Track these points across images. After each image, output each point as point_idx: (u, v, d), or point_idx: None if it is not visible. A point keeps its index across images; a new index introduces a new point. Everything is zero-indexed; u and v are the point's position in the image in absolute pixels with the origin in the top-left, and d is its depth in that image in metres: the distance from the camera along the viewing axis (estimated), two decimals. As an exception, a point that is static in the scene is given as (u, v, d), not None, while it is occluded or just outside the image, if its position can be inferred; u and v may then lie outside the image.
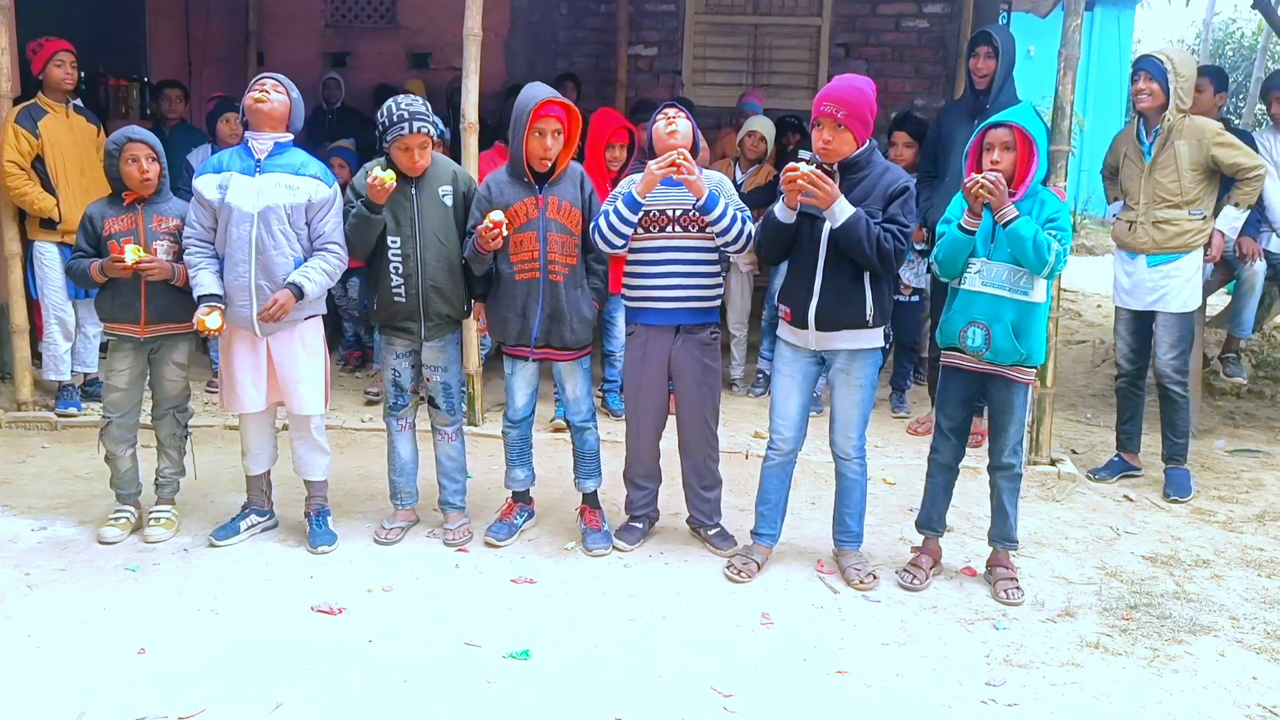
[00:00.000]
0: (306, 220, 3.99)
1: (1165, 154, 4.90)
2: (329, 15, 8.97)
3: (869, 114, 3.73)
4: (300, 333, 4.08)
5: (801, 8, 8.37)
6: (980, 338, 3.74)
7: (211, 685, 3.15)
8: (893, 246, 3.66)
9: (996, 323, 3.72)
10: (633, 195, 3.92)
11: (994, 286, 3.73)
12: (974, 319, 3.76)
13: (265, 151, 3.92)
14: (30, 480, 4.82)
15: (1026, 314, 3.73)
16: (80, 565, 3.95)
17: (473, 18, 5.19)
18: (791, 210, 3.75)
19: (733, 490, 4.58)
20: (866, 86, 3.74)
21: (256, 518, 4.27)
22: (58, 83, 5.47)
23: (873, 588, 3.90)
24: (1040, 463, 5.17)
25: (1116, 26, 19.17)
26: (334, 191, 4.03)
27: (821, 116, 3.70)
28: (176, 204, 4.15)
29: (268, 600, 3.71)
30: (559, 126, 3.93)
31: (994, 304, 3.73)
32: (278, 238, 3.91)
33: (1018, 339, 3.71)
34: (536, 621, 3.60)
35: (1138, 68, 4.95)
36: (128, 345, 4.13)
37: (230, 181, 3.91)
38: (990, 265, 3.74)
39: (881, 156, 3.86)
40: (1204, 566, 4.21)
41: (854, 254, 3.68)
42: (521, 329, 4.08)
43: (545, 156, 3.94)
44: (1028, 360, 3.76)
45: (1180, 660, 3.45)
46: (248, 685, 3.15)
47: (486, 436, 5.29)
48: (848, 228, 3.63)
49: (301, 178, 3.95)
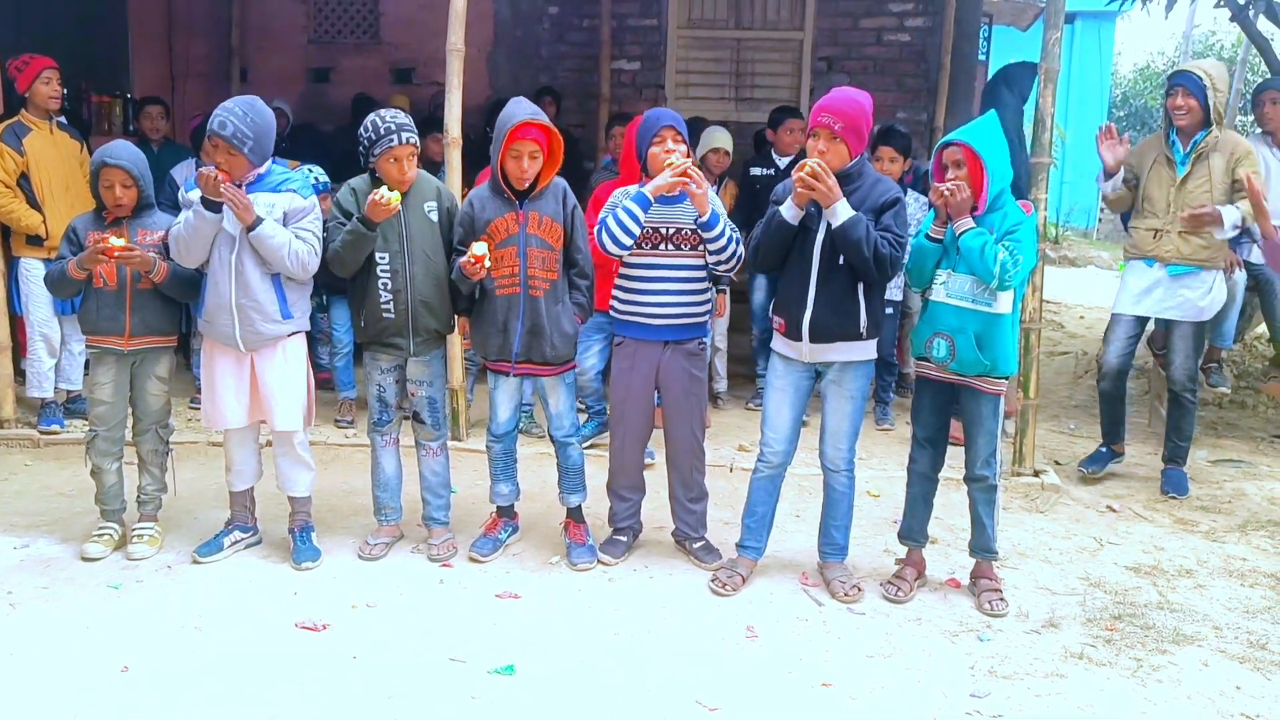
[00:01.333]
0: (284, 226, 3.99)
1: (1200, 168, 4.94)
2: (311, 31, 9.01)
3: (865, 128, 3.76)
4: (283, 349, 4.07)
5: (784, 22, 8.44)
6: (945, 348, 3.78)
7: (195, 703, 3.13)
8: (889, 252, 3.68)
9: (960, 334, 3.75)
10: (644, 195, 3.92)
11: (957, 298, 3.77)
12: (938, 330, 3.80)
13: (246, 180, 3.92)
14: (12, 498, 4.79)
15: (991, 325, 3.75)
16: (63, 583, 3.92)
17: (455, 33, 5.21)
18: (799, 210, 3.75)
19: (717, 503, 4.58)
20: (864, 100, 3.78)
21: (240, 534, 4.25)
22: (44, 100, 5.46)
23: (857, 600, 3.91)
24: (1024, 474, 5.20)
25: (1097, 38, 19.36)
26: (311, 201, 4.03)
27: (818, 126, 3.73)
28: (161, 218, 4.14)
29: (252, 617, 3.69)
30: (535, 149, 3.93)
31: (958, 315, 3.76)
32: (257, 256, 3.91)
33: (981, 350, 3.73)
34: (521, 636, 3.59)
35: (1175, 83, 4.97)
36: (110, 358, 4.12)
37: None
38: (955, 277, 3.78)
39: (872, 169, 3.90)
40: (1187, 576, 4.23)
41: (852, 256, 3.69)
42: (502, 344, 4.08)
43: (522, 177, 3.94)
44: (993, 371, 3.78)
45: (1164, 670, 3.46)
46: (231, 702, 3.14)
47: (471, 451, 5.29)
48: (847, 227, 3.64)
49: (279, 194, 3.96)
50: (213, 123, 3.83)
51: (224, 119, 3.82)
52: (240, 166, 3.87)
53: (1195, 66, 4.97)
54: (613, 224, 3.95)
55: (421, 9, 8.27)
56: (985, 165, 3.68)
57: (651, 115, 4.09)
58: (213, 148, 3.85)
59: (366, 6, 8.96)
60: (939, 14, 8.18)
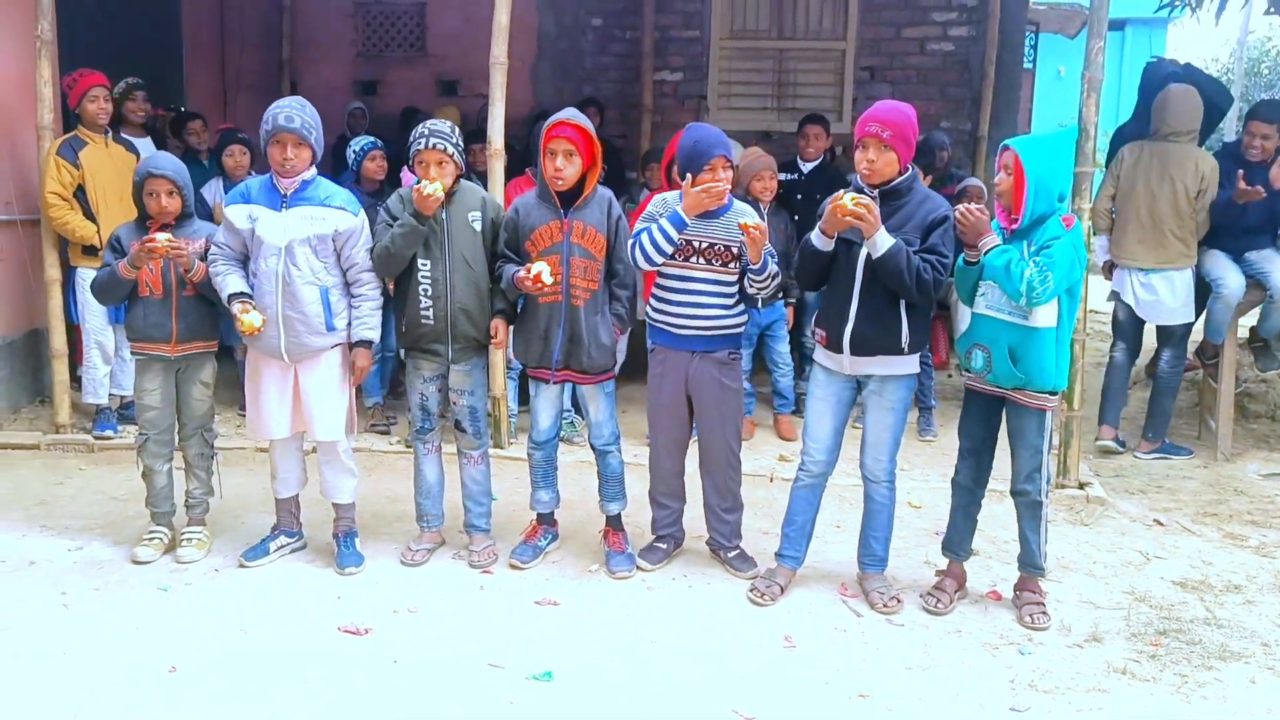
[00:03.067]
0: (336, 249, 4.05)
1: None
2: (360, 44, 9.15)
3: (912, 136, 3.75)
4: (326, 359, 4.14)
5: (826, 32, 8.43)
6: (981, 360, 3.77)
7: (239, 702, 3.20)
8: (931, 277, 3.67)
9: (995, 345, 3.73)
10: (679, 214, 3.96)
11: (994, 310, 3.76)
12: (976, 341, 3.80)
13: (292, 189, 3.99)
14: (67, 501, 4.91)
15: (1026, 338, 3.70)
16: (114, 585, 4.02)
17: (499, 46, 5.27)
18: (829, 239, 3.76)
19: (757, 513, 4.59)
20: (909, 110, 3.78)
21: (286, 539, 4.33)
22: (91, 117, 5.61)
23: (896, 611, 3.90)
24: (1068, 486, 5.14)
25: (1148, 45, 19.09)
26: (361, 220, 4.08)
27: (866, 137, 3.72)
28: (201, 226, 4.26)
29: (296, 620, 3.76)
30: (570, 148, 3.97)
31: (994, 327, 3.75)
32: (303, 269, 3.98)
33: (1015, 363, 3.69)
34: (559, 643, 3.62)
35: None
36: (157, 365, 4.21)
37: (258, 215, 3.99)
38: (993, 289, 3.76)
39: (922, 185, 3.88)
40: (1235, 592, 4.16)
41: (893, 284, 3.69)
42: (543, 351, 4.13)
43: (556, 176, 3.98)
44: (1029, 384, 3.73)
45: (1209, 687, 3.42)
46: (274, 703, 3.20)
47: (512, 459, 5.33)
48: (887, 258, 3.64)
49: (328, 209, 4.01)
50: (276, 120, 3.90)
51: (288, 113, 3.92)
52: (306, 158, 3.97)
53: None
54: (646, 241, 3.99)
55: (467, 22, 8.36)
56: (1027, 176, 3.64)
57: (704, 141, 4.01)
58: (278, 145, 3.91)
59: (414, 20, 9.09)
60: (983, 23, 8.14)
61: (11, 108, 5.81)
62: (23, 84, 5.70)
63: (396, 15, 9.11)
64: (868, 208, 3.60)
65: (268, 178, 4.04)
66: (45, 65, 5.50)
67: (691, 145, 4.03)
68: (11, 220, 5.85)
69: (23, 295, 5.94)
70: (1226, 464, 5.78)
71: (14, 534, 4.48)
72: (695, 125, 4.19)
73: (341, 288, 4.11)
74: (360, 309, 4.13)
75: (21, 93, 5.73)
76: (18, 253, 5.87)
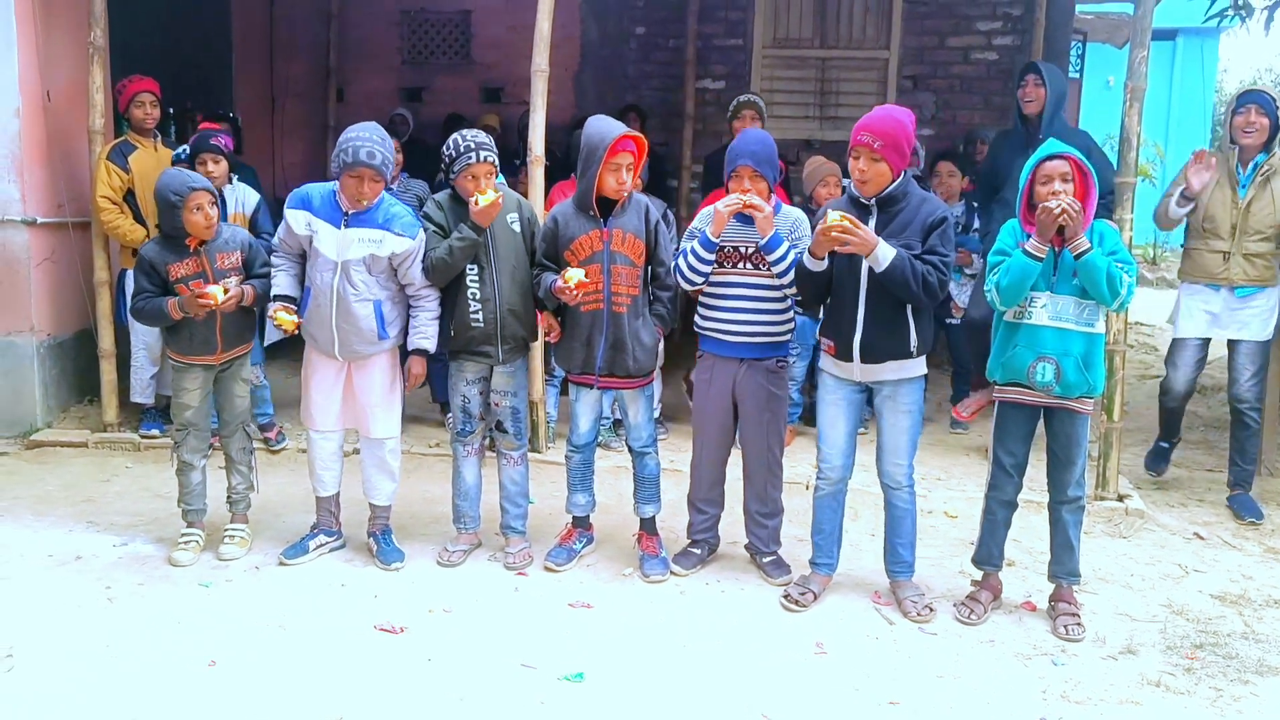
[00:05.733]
0: (393, 267, 4.11)
1: (1264, 189, 4.93)
2: (406, 52, 9.27)
3: (906, 145, 3.74)
4: (380, 358, 4.22)
5: (869, 41, 8.42)
6: (1050, 373, 3.71)
7: (276, 697, 3.26)
8: (936, 279, 3.68)
9: (1066, 356, 3.69)
10: (706, 235, 4.01)
11: (1062, 320, 3.71)
12: (1042, 354, 3.72)
13: (355, 209, 4.04)
14: (114, 498, 5.02)
15: (1093, 346, 3.72)
16: (157, 580, 4.11)
17: (540, 54, 5.33)
18: (820, 260, 3.78)
19: (793, 520, 4.59)
20: (905, 118, 3.77)
21: (325, 538, 4.40)
22: (138, 122, 5.73)
23: (929, 620, 3.89)
24: (1107, 498, 5.09)
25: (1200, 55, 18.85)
26: (419, 241, 4.11)
27: (858, 146, 3.73)
28: (233, 237, 4.28)
29: (333, 618, 3.82)
30: (632, 160, 4.03)
31: (1062, 338, 3.70)
32: (358, 286, 4.06)
33: (1086, 371, 3.69)
34: (592, 645, 3.65)
35: (1246, 101, 4.94)
36: (197, 369, 4.29)
37: (318, 227, 4.05)
38: (1056, 299, 3.71)
39: (918, 187, 3.88)
40: (1275, 606, 4.11)
41: (900, 294, 3.70)
42: (586, 358, 4.17)
43: (620, 189, 4.03)
44: (1093, 391, 3.75)
45: (1245, 701, 3.38)
46: (310, 698, 3.26)
47: (549, 463, 5.38)
48: (892, 271, 3.64)
49: (386, 231, 4.05)
50: (359, 154, 3.90)
51: (370, 149, 3.93)
52: (379, 191, 4.03)
53: (1264, 87, 5.00)
54: (683, 264, 4.07)
55: (510, 31, 8.45)
56: (1092, 181, 3.64)
57: (732, 151, 4.06)
58: (355, 179, 3.94)
59: (458, 28, 9.19)
60: (1028, 32, 8.09)
61: (64, 112, 5.96)
62: (75, 90, 5.85)
63: (442, 23, 9.22)
64: (852, 225, 3.60)
65: (331, 191, 4.08)
66: (98, 72, 5.65)
67: (726, 155, 4.08)
68: (63, 223, 5.98)
69: (73, 296, 6.07)
70: (1271, 477, 5.69)
71: (62, 529, 4.59)
72: (744, 132, 4.22)
73: (396, 296, 4.18)
74: (418, 319, 4.19)
75: (74, 98, 5.88)
76: (69, 254, 6.01)
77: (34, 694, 3.25)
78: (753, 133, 4.16)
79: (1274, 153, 4.91)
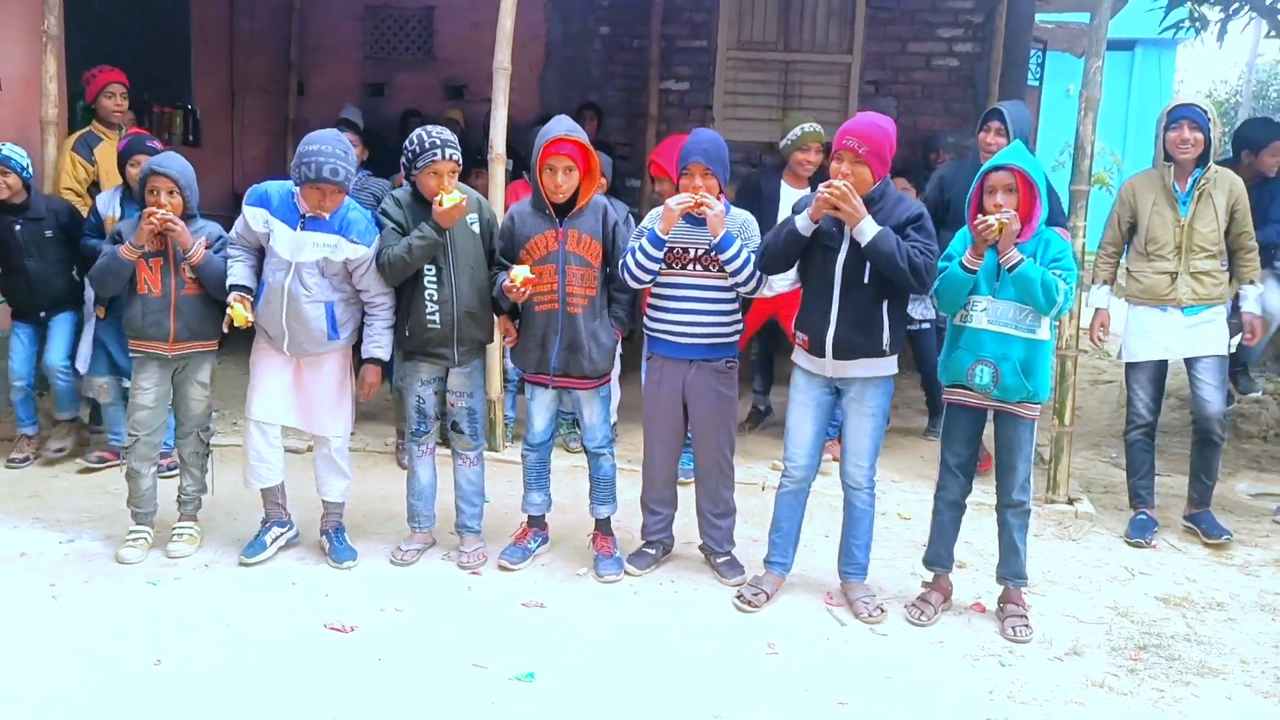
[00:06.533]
0: (347, 271, 4.09)
1: (1204, 205, 4.81)
2: (368, 47, 9.20)
3: (888, 152, 3.79)
4: (330, 357, 4.19)
5: (832, 45, 8.47)
6: (988, 375, 3.77)
7: (221, 697, 3.23)
8: (923, 260, 3.70)
9: (1004, 361, 3.74)
10: (655, 233, 4.01)
11: (1001, 325, 3.76)
12: (981, 357, 3.78)
13: (312, 212, 4.00)
14: (61, 494, 4.95)
15: (1033, 351, 3.76)
16: (104, 577, 4.05)
17: (502, 52, 5.31)
18: (813, 223, 3.79)
19: (748, 521, 4.62)
20: (888, 125, 3.81)
21: (279, 529, 4.36)
22: (106, 113, 5.67)
23: (880, 621, 3.92)
24: (1057, 501, 5.16)
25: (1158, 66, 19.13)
26: (373, 248, 4.08)
27: (843, 149, 3.76)
28: (204, 226, 4.25)
29: (283, 616, 3.79)
30: (570, 164, 4.01)
31: (1001, 342, 3.75)
32: (310, 288, 4.03)
33: (1025, 376, 3.74)
34: (544, 645, 3.65)
35: (1179, 116, 4.78)
36: (154, 363, 4.24)
37: (274, 226, 4.01)
38: (996, 304, 3.76)
39: (894, 190, 3.91)
40: (1218, 609, 4.18)
41: (888, 270, 3.71)
42: (540, 358, 4.16)
43: (556, 191, 4.03)
44: (1034, 397, 3.79)
45: (1186, 702, 3.43)
46: (256, 698, 3.23)
47: (506, 462, 5.37)
48: (878, 241, 3.67)
49: (342, 237, 4.02)
50: (321, 171, 3.86)
51: (333, 166, 3.88)
52: (339, 202, 4.00)
53: (1197, 101, 4.84)
54: (631, 262, 4.05)
55: (474, 28, 8.41)
56: (1037, 190, 3.69)
57: (684, 148, 4.10)
58: (316, 191, 3.91)
59: (421, 24, 9.13)
60: (988, 40, 8.17)
61: (18, 102, 5.86)
62: (29, 79, 5.76)
63: (405, 19, 9.16)
64: (851, 191, 3.65)
65: (290, 192, 4.05)
66: (51, 61, 5.56)
67: (682, 148, 4.11)
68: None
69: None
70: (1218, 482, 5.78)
71: (6, 526, 4.51)
72: (695, 131, 4.24)
73: (350, 298, 4.16)
74: (373, 326, 4.18)
75: (28, 88, 5.78)
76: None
77: (-26, 692, 3.20)
78: (704, 132, 4.19)
79: (1210, 167, 4.82)
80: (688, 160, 4.04)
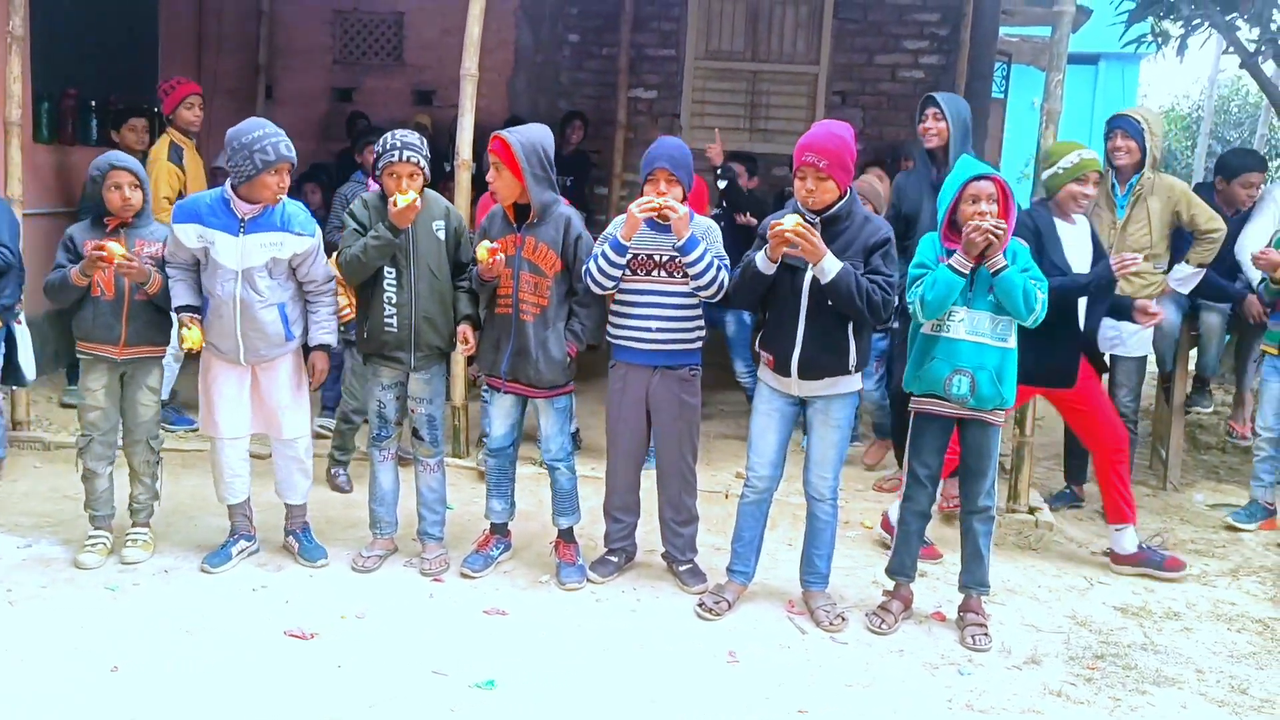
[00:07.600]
0: (292, 267, 4.08)
1: (1139, 209, 5.13)
2: (337, 52, 9.17)
3: (850, 161, 3.79)
4: (285, 359, 4.16)
5: (800, 56, 8.54)
6: (965, 385, 3.79)
7: (179, 704, 3.20)
8: (881, 298, 3.72)
9: (981, 370, 3.77)
10: (618, 239, 4.01)
11: (979, 334, 3.79)
12: (959, 367, 3.80)
13: (252, 214, 3.97)
14: (20, 499, 4.89)
15: (1005, 360, 3.81)
16: (61, 583, 4.01)
17: (470, 58, 5.31)
18: (773, 263, 3.80)
19: (711, 529, 4.63)
20: (846, 134, 3.81)
21: (245, 543, 4.32)
22: (185, 124, 5.83)
23: (841, 629, 3.94)
24: (1018, 510, 5.21)
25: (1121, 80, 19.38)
26: (316, 240, 4.10)
27: (804, 166, 3.75)
28: (159, 229, 4.21)
29: (242, 623, 3.76)
30: (496, 160, 4.03)
31: (978, 351, 3.79)
32: (262, 292, 4.01)
33: (999, 384, 3.78)
34: (505, 652, 3.64)
35: (1113, 126, 5.19)
36: (102, 366, 4.18)
37: (213, 238, 3.96)
38: (973, 314, 3.79)
39: (861, 207, 3.92)
40: (1175, 619, 4.24)
41: (844, 308, 3.72)
42: (494, 361, 4.18)
43: (490, 188, 4.12)
44: (1005, 404, 3.84)
45: (1142, 710, 3.48)
46: (214, 705, 3.20)
47: (470, 469, 5.35)
48: (837, 282, 3.67)
49: (285, 233, 4.01)
50: (279, 148, 3.90)
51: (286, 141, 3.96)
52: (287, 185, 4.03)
53: (1133, 112, 5.23)
54: (594, 268, 4.04)
55: (444, 33, 8.40)
56: (1012, 201, 3.74)
57: (649, 153, 4.11)
58: (277, 175, 3.92)
59: (391, 30, 9.11)
60: (954, 52, 8.27)
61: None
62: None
63: (375, 24, 9.13)
64: (808, 231, 3.64)
65: (220, 198, 4.00)
66: (15, 61, 5.48)
67: (643, 160, 4.13)
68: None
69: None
70: (1175, 493, 5.87)
71: (-37, 530, 4.46)
72: (661, 138, 4.26)
73: (296, 295, 4.15)
74: (317, 314, 4.17)
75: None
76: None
77: (-75, 700, 3.15)
78: (669, 139, 4.21)
79: (1145, 174, 5.13)
80: (652, 166, 4.05)
